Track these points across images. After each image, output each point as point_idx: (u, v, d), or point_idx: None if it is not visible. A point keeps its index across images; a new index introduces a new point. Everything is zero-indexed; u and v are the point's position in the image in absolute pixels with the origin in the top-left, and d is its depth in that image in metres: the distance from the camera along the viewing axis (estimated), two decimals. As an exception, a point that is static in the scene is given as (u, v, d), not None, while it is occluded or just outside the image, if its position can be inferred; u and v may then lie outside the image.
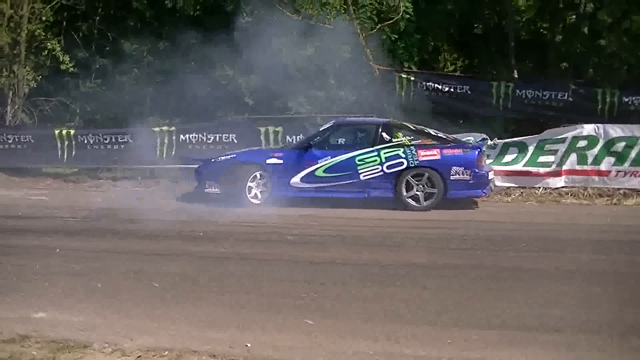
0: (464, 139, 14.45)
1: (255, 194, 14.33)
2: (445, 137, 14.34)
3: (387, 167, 13.74)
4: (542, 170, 15.08)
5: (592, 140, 15.07)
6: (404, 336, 6.18)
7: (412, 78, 19.04)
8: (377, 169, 13.78)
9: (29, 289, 7.88)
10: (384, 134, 14.09)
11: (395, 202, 13.61)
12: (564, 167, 15.03)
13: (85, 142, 18.96)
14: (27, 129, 21.32)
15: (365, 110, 20.85)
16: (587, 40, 22.65)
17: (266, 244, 10.57)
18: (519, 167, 15.34)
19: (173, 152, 18.07)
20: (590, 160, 15.07)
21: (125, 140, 18.69)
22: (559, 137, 15.28)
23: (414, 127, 14.61)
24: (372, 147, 13.96)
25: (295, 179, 14.08)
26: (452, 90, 18.58)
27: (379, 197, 13.81)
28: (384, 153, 13.80)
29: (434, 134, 14.37)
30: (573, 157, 15.08)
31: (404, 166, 13.68)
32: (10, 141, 19.72)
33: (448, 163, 13.51)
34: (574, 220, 12.55)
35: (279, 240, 10.78)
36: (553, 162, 15.11)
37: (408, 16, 20.83)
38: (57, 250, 10.04)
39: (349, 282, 8.06)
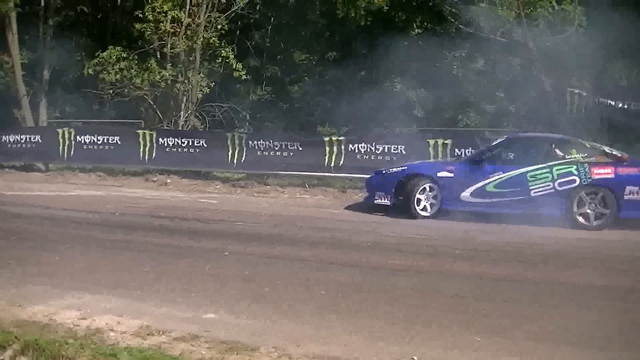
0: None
1: (425, 206, 14.10)
2: (620, 155, 13.75)
3: (559, 184, 13.27)
4: None
5: None
6: (572, 358, 5.94)
7: (584, 93, 18.38)
8: (549, 185, 13.33)
9: (200, 290, 7.97)
10: (557, 150, 13.63)
11: (564, 221, 13.11)
12: None
13: (256, 147, 19.23)
14: (199, 133, 21.81)
15: (534, 125, 20.42)
16: None
17: (434, 257, 10.38)
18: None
19: (342, 162, 18.04)
20: None
21: (295, 147, 18.83)
22: None
23: (589, 144, 14.08)
24: (545, 163, 13.50)
25: (466, 193, 13.82)
26: (625, 106, 17.85)
27: (548, 215, 13.24)
28: (556, 170, 13.33)
29: (609, 151, 13.81)
30: None
31: (577, 184, 13.19)
32: (183, 145, 20.25)
33: (622, 182, 12.97)
34: None
35: (446, 254, 10.54)
36: None
37: (582, 28, 20.20)
38: (226, 253, 10.17)
39: (519, 300, 7.81)
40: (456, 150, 17.09)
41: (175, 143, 20.40)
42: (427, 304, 7.55)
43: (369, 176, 15.38)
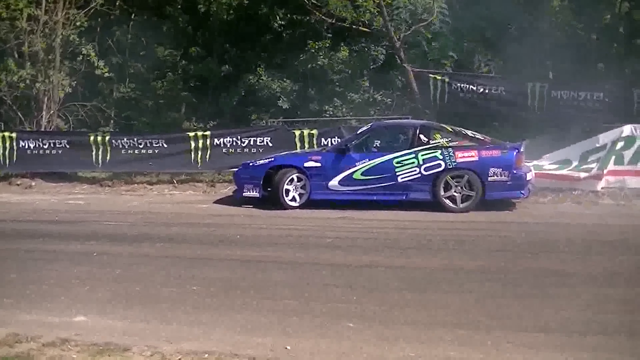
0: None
1: (294, 196, 14.22)
2: (483, 138, 14.24)
3: (425, 169, 13.58)
4: (582, 175, 14.84)
5: (629, 140, 14.88)
6: (447, 340, 6.12)
7: (447, 79, 18.93)
8: (415, 171, 13.64)
9: (69, 293, 7.87)
10: (422, 136, 13.93)
11: (433, 204, 13.45)
12: (605, 170, 14.79)
13: (121, 146, 18.95)
14: (61, 134, 21.36)
15: (399, 113, 20.85)
16: (623, 40, 22.45)
17: (305, 247, 10.45)
18: (559, 172, 15.09)
19: (208, 156, 18.01)
20: (627, 160, 14.87)
21: (160, 144, 18.65)
22: (599, 145, 15.07)
23: (452, 128, 14.47)
24: (410, 149, 13.81)
25: (334, 182, 14.00)
26: (486, 91, 18.49)
27: (417, 199, 13.66)
28: (422, 155, 13.65)
29: (472, 135, 14.25)
30: (612, 159, 14.86)
31: (442, 168, 13.52)
32: (45, 147, 19.79)
33: (486, 164, 13.37)
34: (613, 221, 12.33)
35: (318, 244, 10.67)
36: (594, 167, 14.86)
37: (442, 17, 20.71)
38: (95, 254, 10.06)
39: (390, 286, 7.99)
40: (322, 140, 17.26)
41: (37, 145, 19.83)
42: (299, 295, 7.64)
43: (236, 169, 15.45)
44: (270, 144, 17.50)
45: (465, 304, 7.19)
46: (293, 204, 14.19)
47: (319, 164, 14.18)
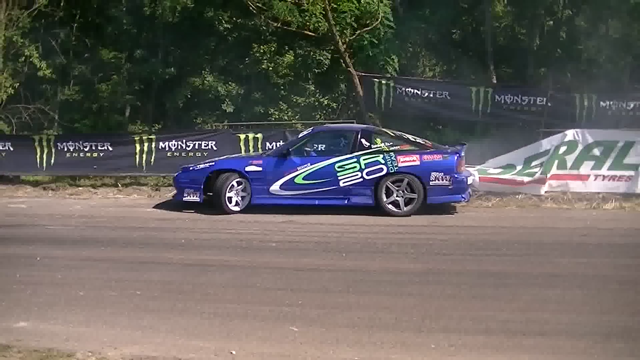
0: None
1: (236, 201, 14.12)
2: (424, 142, 14.41)
3: (367, 174, 13.67)
4: (526, 179, 15.04)
5: (571, 145, 15.11)
6: (389, 342, 6.21)
7: (392, 84, 19.06)
8: (357, 175, 13.71)
9: (10, 298, 7.82)
10: (363, 140, 14.00)
11: (375, 208, 13.55)
12: (548, 174, 15.01)
13: (65, 149, 18.79)
14: (5, 136, 21.14)
15: (345, 117, 20.99)
16: (565, 46, 22.84)
17: (248, 251, 10.51)
18: (503, 176, 15.28)
19: (152, 160, 17.94)
20: (569, 164, 15.11)
21: (105, 147, 18.53)
22: (543, 150, 15.31)
23: (393, 133, 14.60)
24: (352, 153, 13.91)
25: (275, 187, 13.99)
26: (431, 95, 18.64)
27: (359, 204, 13.74)
28: (364, 159, 13.75)
29: (413, 139, 14.39)
30: (555, 163, 15.08)
31: (384, 172, 13.61)
32: (-13, 149, 19.58)
33: (427, 169, 13.49)
34: (554, 225, 12.56)
35: (261, 248, 10.72)
36: (537, 172, 15.07)
37: (387, 22, 20.86)
38: (38, 258, 10.00)
39: (333, 289, 8.08)
40: (267, 144, 17.28)
41: (-21, 148, 19.65)
42: (242, 299, 7.71)
43: (176, 173, 15.15)
44: (215, 148, 17.47)
45: (407, 306, 7.30)
46: (235, 208, 14.09)
47: (260, 168, 14.11)
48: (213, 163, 14.63)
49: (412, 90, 18.81)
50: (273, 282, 8.40)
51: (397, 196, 13.55)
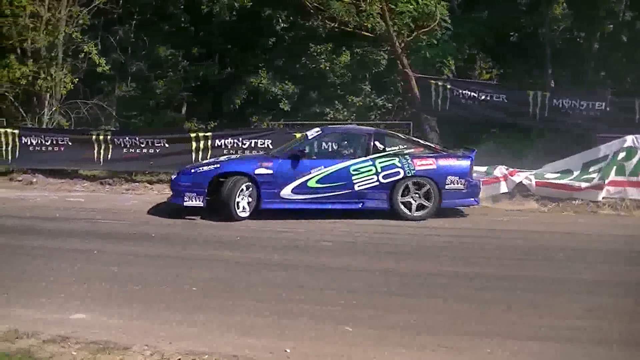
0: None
1: (243, 206, 13.13)
2: (434, 146, 14.38)
3: (383, 177, 13.22)
4: (583, 185, 14.82)
5: (630, 151, 14.84)
6: (443, 346, 6.19)
7: (448, 86, 18.89)
8: (373, 179, 13.22)
9: (68, 291, 7.92)
10: (377, 143, 13.57)
11: (390, 213, 13.23)
12: (606, 181, 14.78)
13: (122, 145, 19.01)
14: (64, 131, 21.43)
15: (399, 117, 20.99)
16: (625, 49, 22.49)
17: (299, 251, 10.54)
18: (559, 181, 15.10)
19: (209, 157, 18.02)
20: (628, 171, 14.84)
21: (161, 144, 18.70)
22: (601, 155, 15.09)
23: (404, 136, 14.54)
24: (366, 156, 13.43)
25: (286, 190, 13.19)
26: (488, 98, 18.41)
27: (374, 208, 13.31)
28: (380, 163, 13.30)
29: (424, 143, 14.35)
30: (613, 169, 14.85)
31: (401, 176, 13.21)
32: (47, 143, 19.87)
33: (444, 172, 13.28)
34: (611, 232, 12.35)
35: (311, 248, 10.73)
36: (595, 178, 14.84)
37: (444, 24, 20.75)
38: (95, 252, 10.12)
39: (385, 291, 8.07)
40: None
41: (39, 141, 19.94)
42: (295, 298, 7.70)
43: (173, 175, 14.10)
44: (271, 147, 17.45)
45: (460, 310, 7.27)
46: (242, 214, 13.11)
47: (270, 171, 13.20)
48: (218, 165, 13.59)
49: (469, 93, 18.63)
50: (325, 283, 8.40)
51: (413, 200, 13.27)
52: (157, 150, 18.74)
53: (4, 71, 22.24)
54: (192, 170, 13.61)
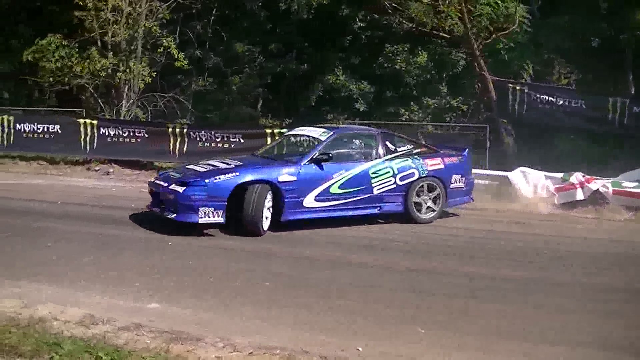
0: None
1: (266, 216, 11.30)
2: (427, 145, 14.05)
3: (400, 179, 12.56)
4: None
5: None
6: (516, 352, 6.13)
7: (526, 90, 18.71)
8: (390, 181, 12.46)
9: (144, 281, 8.01)
10: (388, 143, 12.91)
11: (405, 215, 12.78)
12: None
13: (197, 139, 19.25)
14: (141, 123, 21.74)
15: (474, 120, 20.83)
16: None
17: (372, 251, 10.53)
18: (637, 190, 14.80)
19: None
20: None
21: (237, 139, 18.89)
22: None
23: (402, 136, 14.26)
24: (381, 158, 12.59)
25: (309, 198, 11.70)
26: (566, 104, 18.25)
27: (390, 211, 12.68)
28: (395, 164, 12.60)
29: (417, 142, 14.22)
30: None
31: (416, 177, 12.71)
32: (125, 135, 20.20)
33: (450, 171, 13.12)
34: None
35: (384, 249, 10.70)
36: None
37: (524, 27, 20.52)
38: (170, 243, 10.22)
39: (459, 294, 8.01)
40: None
41: (117, 133, 20.33)
42: (368, 298, 7.71)
43: (180, 190, 10.93)
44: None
45: (534, 316, 7.22)
46: (265, 227, 11.24)
47: (294, 178, 11.50)
48: (237, 173, 11.21)
49: (546, 97, 18.49)
50: (398, 284, 8.36)
51: (426, 201, 12.91)
52: (232, 145, 18.93)
53: (85, 63, 22.60)
54: (207, 181, 10.91)
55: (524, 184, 15.51)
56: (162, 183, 11.49)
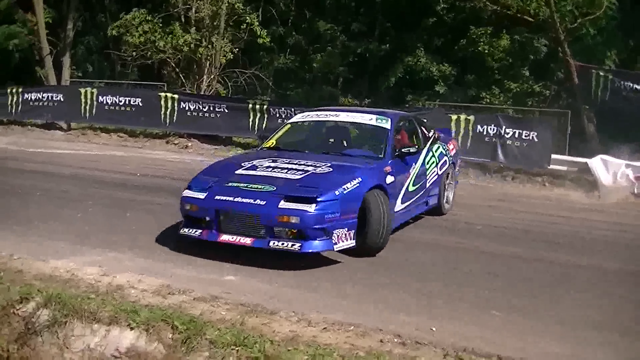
0: None
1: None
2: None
3: (440, 168, 11.14)
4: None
5: None
6: (595, 341, 5.95)
7: (610, 76, 18.24)
8: (434, 171, 10.90)
9: (220, 252, 7.98)
10: (423, 128, 11.23)
11: (437, 208, 11.41)
12: None
13: (277, 115, 19.25)
14: (221, 99, 21.86)
15: (555, 106, 20.51)
16: None
17: (453, 233, 10.45)
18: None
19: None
20: None
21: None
22: None
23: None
24: (425, 145, 10.80)
25: (399, 201, 9.51)
26: (655, 92, 17.70)
27: (431, 206, 11.05)
28: (436, 151, 11.11)
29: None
30: None
31: (448, 164, 11.52)
32: (205, 109, 20.34)
33: (457, 156, 12.59)
34: None
35: (464, 231, 10.58)
36: None
37: (611, 12, 20.02)
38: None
39: (539, 280, 7.87)
40: (478, 127, 16.97)
41: (197, 107, 20.48)
42: (446, 280, 7.62)
43: (310, 210, 7.63)
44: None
45: (615, 307, 7.03)
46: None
47: (393, 178, 9.17)
48: (360, 180, 8.30)
49: (631, 85, 17.94)
50: (477, 267, 8.22)
51: (448, 190, 11.70)
52: (311, 123, 18.86)
53: (168, 38, 22.83)
54: (337, 193, 7.90)
55: (604, 171, 15.30)
56: (243, 200, 7.92)
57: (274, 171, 8.49)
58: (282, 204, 7.69)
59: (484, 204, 13.11)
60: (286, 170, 8.48)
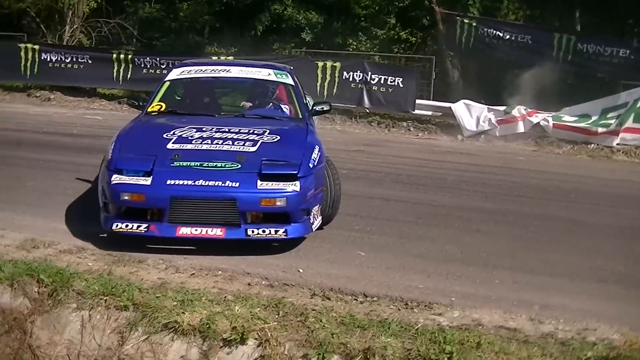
0: None
1: None
2: None
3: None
4: (600, 129, 14.89)
5: (649, 99, 14.86)
6: (454, 274, 6.23)
7: (474, 24, 18.66)
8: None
9: (87, 204, 7.87)
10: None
11: None
12: (623, 127, 14.80)
13: (142, 65, 18.97)
14: (84, 49, 21.39)
15: (421, 52, 20.83)
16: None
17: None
18: (577, 125, 15.31)
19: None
20: (646, 119, 14.87)
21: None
22: (621, 102, 15.10)
23: None
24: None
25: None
26: (512, 39, 18.22)
27: None
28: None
29: None
30: (631, 116, 14.83)
31: None
32: (67, 60, 19.85)
33: None
34: (625, 177, 12.41)
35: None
36: (612, 124, 14.93)
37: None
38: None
39: (403, 219, 8.07)
40: (344, 73, 17.16)
41: (59, 58, 19.94)
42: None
43: (297, 189, 6.67)
44: (290, 74, 17.37)
45: (475, 242, 7.30)
46: None
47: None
48: (318, 147, 7.42)
49: (494, 32, 18.41)
50: (343, 208, 8.08)
51: None
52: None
53: (27, -14, 22.16)
54: (311, 166, 7.00)
55: (467, 115, 15.79)
56: (208, 183, 6.59)
57: (215, 144, 7.14)
58: (261, 184, 6.62)
59: (350, 149, 13.23)
60: (230, 142, 7.18)
